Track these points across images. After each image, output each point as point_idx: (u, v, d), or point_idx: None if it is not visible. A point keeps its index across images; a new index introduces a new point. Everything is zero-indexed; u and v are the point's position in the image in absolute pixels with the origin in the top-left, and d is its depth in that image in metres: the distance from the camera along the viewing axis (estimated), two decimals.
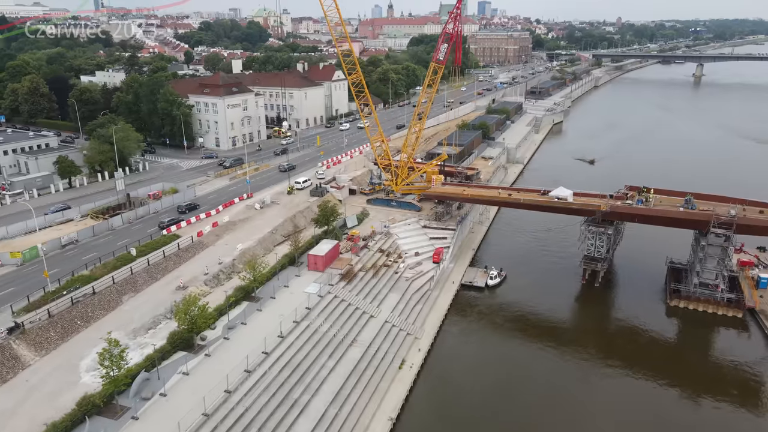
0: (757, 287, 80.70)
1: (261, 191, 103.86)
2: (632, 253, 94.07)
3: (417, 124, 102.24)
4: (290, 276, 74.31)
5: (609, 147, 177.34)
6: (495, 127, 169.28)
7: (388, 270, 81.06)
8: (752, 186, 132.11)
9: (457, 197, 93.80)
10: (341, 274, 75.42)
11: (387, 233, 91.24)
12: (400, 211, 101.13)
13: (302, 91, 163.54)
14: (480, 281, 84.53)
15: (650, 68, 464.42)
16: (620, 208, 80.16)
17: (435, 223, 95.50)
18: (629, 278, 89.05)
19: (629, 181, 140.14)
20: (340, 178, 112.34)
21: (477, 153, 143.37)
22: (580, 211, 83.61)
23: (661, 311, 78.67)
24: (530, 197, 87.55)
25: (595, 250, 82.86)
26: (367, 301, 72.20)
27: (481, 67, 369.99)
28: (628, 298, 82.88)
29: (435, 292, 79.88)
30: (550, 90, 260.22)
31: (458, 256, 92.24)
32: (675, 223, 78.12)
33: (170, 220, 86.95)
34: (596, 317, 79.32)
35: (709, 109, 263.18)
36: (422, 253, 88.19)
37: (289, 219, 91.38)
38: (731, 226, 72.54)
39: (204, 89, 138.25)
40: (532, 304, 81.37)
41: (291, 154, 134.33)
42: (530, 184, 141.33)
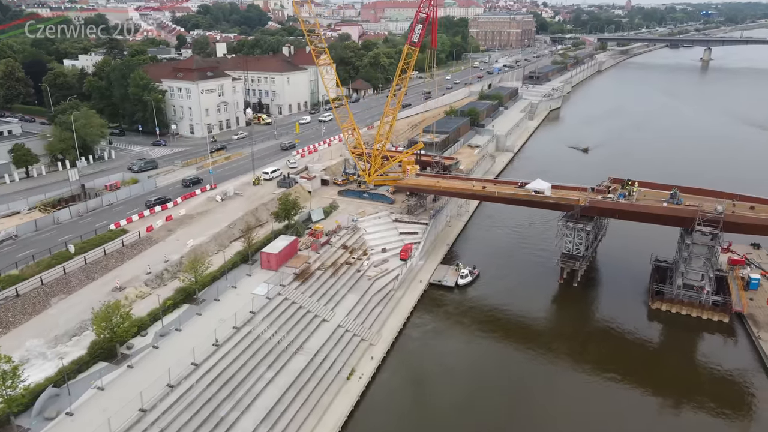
0: (747, 288, 74.88)
1: (227, 182, 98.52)
2: (616, 249, 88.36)
3: (390, 112, 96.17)
4: (240, 275, 69.30)
5: (606, 134, 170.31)
6: (486, 114, 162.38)
7: (349, 268, 75.82)
8: (752, 177, 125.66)
9: (430, 189, 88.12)
10: (296, 273, 70.28)
11: (354, 227, 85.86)
12: (372, 203, 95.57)
13: (284, 76, 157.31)
14: (450, 280, 79.21)
15: (657, 52, 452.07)
16: (599, 203, 74.24)
17: (407, 217, 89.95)
18: (611, 277, 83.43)
19: (622, 171, 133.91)
20: (313, 167, 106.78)
21: (463, 141, 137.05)
22: (558, 206, 77.78)
23: (643, 314, 73.14)
24: (505, 190, 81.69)
25: (574, 248, 77.19)
26: (321, 303, 67.10)
27: (482, 51, 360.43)
28: (609, 299, 77.37)
29: (399, 292, 74.68)
30: (549, 75, 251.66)
31: (430, 252, 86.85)
32: (658, 219, 72.19)
33: (157, 199, 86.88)
34: (572, 320, 73.92)
35: (715, 94, 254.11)
36: (390, 249, 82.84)
37: (251, 212, 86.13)
38: (718, 224, 66.58)
39: (177, 73, 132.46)
40: (504, 305, 76.08)
41: (267, 142, 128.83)
42: (519, 173, 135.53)
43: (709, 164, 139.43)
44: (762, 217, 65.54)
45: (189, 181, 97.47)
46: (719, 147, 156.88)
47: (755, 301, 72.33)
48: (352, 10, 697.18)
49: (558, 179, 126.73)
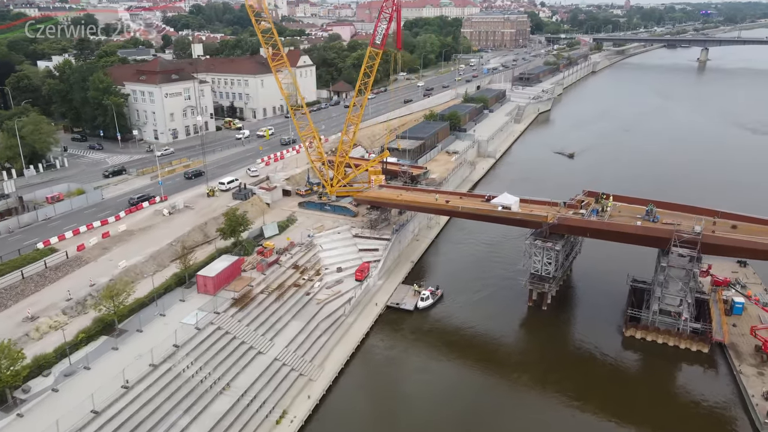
0: (731, 313, 68.72)
1: (179, 193, 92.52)
2: (592, 268, 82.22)
3: (353, 119, 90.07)
4: (173, 301, 63.19)
5: (594, 138, 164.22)
6: (469, 117, 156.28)
7: (297, 291, 69.71)
8: (739, 182, 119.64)
9: (390, 203, 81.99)
10: (235, 298, 64.20)
11: (309, 244, 79.78)
12: (333, 216, 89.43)
13: (258, 78, 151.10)
14: (409, 303, 73.09)
15: (654, 53, 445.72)
16: (568, 220, 68.09)
17: (368, 232, 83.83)
18: (586, 299, 77.21)
19: (607, 178, 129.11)
20: (275, 177, 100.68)
21: (441, 147, 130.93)
22: (525, 223, 71.66)
23: (616, 342, 67.00)
24: (470, 205, 75.52)
25: (542, 268, 71.05)
26: (259, 332, 60.99)
27: (475, 51, 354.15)
28: (581, 324, 71.22)
29: (351, 317, 68.57)
30: (540, 76, 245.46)
31: (391, 270, 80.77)
32: (631, 239, 66.05)
33: (140, 197, 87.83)
34: (539, 346, 67.87)
35: (709, 96, 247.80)
36: (346, 268, 76.81)
37: (199, 228, 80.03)
38: (695, 245, 60.44)
39: (140, 76, 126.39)
40: (466, 329, 70.07)
41: (234, 148, 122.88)
42: (499, 180, 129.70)
43: (696, 169, 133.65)
44: (742, 238, 59.39)
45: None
46: (709, 151, 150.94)
47: (738, 328, 66.20)
48: (348, 9, 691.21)
49: (540, 187, 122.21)
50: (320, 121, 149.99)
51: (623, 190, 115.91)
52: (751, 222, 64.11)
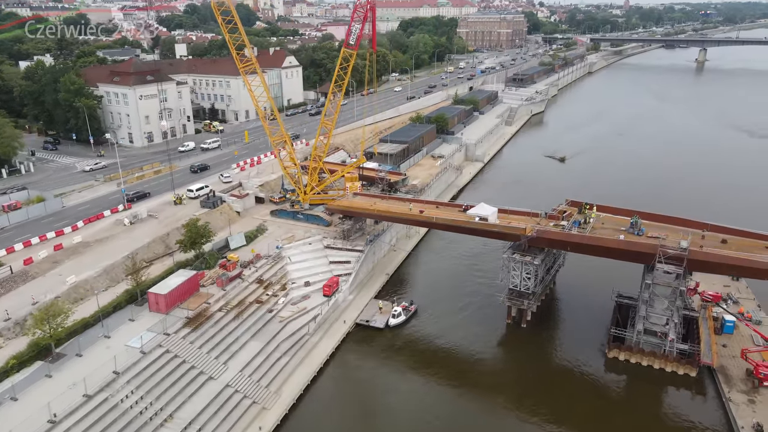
0: (721, 332, 64.38)
1: (145, 201, 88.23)
2: (577, 281, 77.89)
3: (327, 122, 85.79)
4: (121, 321, 58.89)
5: (587, 142, 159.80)
6: (457, 120, 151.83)
7: (259, 308, 65.36)
8: (737, 190, 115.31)
9: (363, 212, 77.61)
10: (189, 317, 59.88)
11: (277, 256, 75.45)
12: (305, 225, 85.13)
13: (240, 80, 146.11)
14: (379, 320, 68.75)
15: (652, 53, 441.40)
16: (547, 233, 63.70)
17: (340, 243, 79.49)
18: (569, 316, 72.83)
19: (598, 183, 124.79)
20: (248, 183, 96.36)
21: (426, 151, 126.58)
22: (503, 235, 67.28)
23: (599, 364, 62.61)
24: (446, 215, 71.12)
25: (521, 284, 66.69)
26: (213, 355, 56.66)
27: (471, 51, 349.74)
28: (562, 343, 66.81)
29: (316, 336, 64.25)
30: (535, 77, 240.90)
31: (364, 284, 76.45)
32: (613, 254, 61.65)
33: (135, 193, 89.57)
34: (516, 367, 63.60)
35: (707, 97, 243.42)
36: (315, 282, 72.49)
37: (160, 239, 75.65)
38: (682, 262, 56.11)
39: (114, 77, 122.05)
40: (440, 349, 65.77)
41: (210, 153, 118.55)
42: (486, 185, 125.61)
43: (690, 173, 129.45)
44: (732, 255, 55.01)
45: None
46: (703, 154, 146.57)
47: (729, 349, 61.86)
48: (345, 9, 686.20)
49: (529, 192, 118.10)
50: (305, 123, 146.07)
51: (614, 196, 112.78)
52: (742, 236, 59.79)
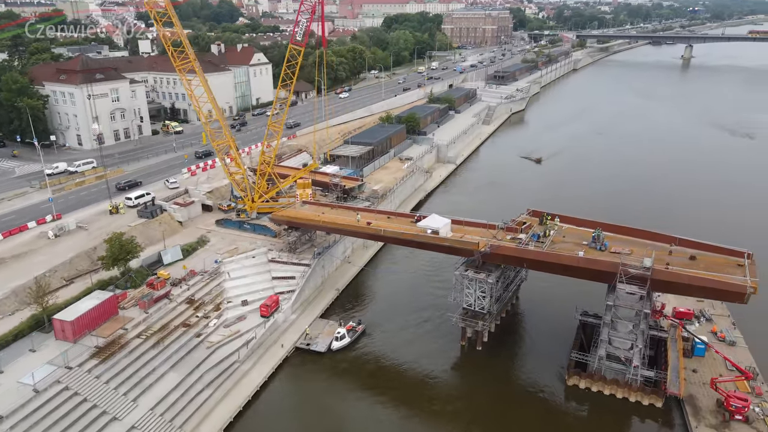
0: (692, 354, 58.95)
1: (78, 210, 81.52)
2: (540, 297, 72.14)
3: (274, 125, 79.57)
4: (21, 351, 52.45)
5: (566, 141, 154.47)
6: (431, 119, 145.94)
7: (186, 332, 59.04)
8: (715, 195, 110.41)
9: (307, 223, 71.42)
10: (99, 346, 53.53)
11: (214, 272, 69.17)
12: (252, 236, 78.95)
13: None
14: (321, 343, 62.68)
15: (639, 50, 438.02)
16: (502, 248, 57.87)
17: (286, 256, 73.32)
18: (530, 337, 67.07)
19: (571, 187, 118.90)
20: (196, 190, 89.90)
21: (395, 153, 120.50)
22: (455, 250, 61.42)
23: (558, 392, 56.98)
24: (395, 227, 65.05)
25: (476, 303, 60.88)
26: (121, 391, 50.32)
27: (455, 48, 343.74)
28: (520, 368, 61.07)
29: (247, 363, 58.04)
30: (516, 74, 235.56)
31: (310, 301, 70.32)
32: (572, 272, 55.97)
33: (128, 182, 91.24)
34: (468, 395, 57.60)
35: (691, 94, 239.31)
36: (253, 301, 66.25)
37: (86, 253, 69.05)
38: (645, 282, 50.51)
39: (60, 76, 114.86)
40: (386, 374, 60.01)
41: (164, 156, 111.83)
42: (456, 189, 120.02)
43: (667, 176, 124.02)
44: (699, 275, 49.40)
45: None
46: (683, 155, 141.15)
47: (699, 374, 56.40)
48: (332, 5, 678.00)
49: (500, 196, 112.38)
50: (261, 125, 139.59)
51: (587, 199, 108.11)
52: (712, 251, 54.30)
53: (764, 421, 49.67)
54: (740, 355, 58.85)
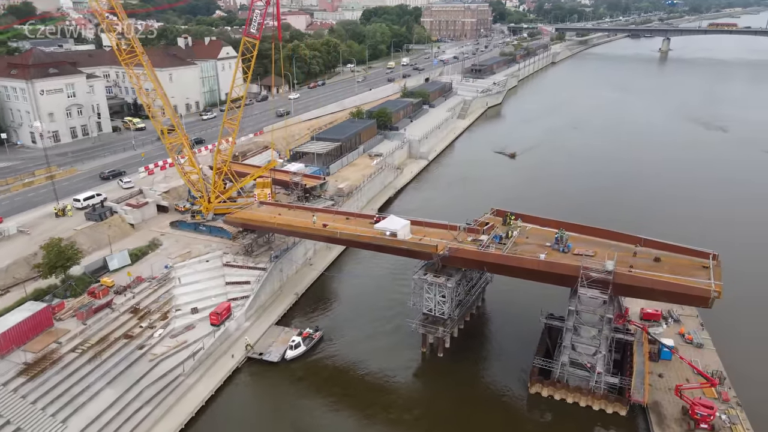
0: (658, 358, 56.92)
1: (23, 213, 77.13)
2: (507, 298, 69.56)
3: (229, 122, 75.87)
4: None
5: (542, 135, 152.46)
6: (403, 114, 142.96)
7: (127, 345, 55.47)
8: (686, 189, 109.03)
9: (261, 225, 68.00)
10: (27, 362, 49.77)
11: (164, 278, 65.51)
12: (207, 239, 75.35)
13: (165, 72, 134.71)
14: (275, 352, 59.51)
15: (618, 42, 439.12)
16: (461, 252, 55.13)
17: (241, 260, 69.89)
18: (495, 341, 64.42)
19: (543, 182, 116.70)
20: (151, 190, 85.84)
21: (364, 149, 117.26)
22: (413, 253, 58.56)
23: (520, 400, 54.60)
24: (352, 229, 61.94)
25: (436, 308, 58.16)
26: (50, 411, 46.71)
27: (434, 41, 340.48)
28: (482, 375, 58.52)
29: (193, 376, 54.64)
30: (494, 67, 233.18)
31: (266, 307, 67.04)
32: (533, 275, 53.45)
33: (111, 172, 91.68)
34: (426, 404, 54.80)
35: (667, 87, 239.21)
36: (204, 308, 62.80)
37: (24, 260, 64.88)
38: (607, 286, 48.15)
39: (11, 70, 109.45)
40: (342, 385, 57.05)
41: (122, 153, 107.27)
42: (428, 185, 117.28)
43: (641, 169, 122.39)
44: (663, 279, 47.13)
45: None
46: (657, 149, 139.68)
47: (665, 380, 54.38)
48: None
49: (472, 193, 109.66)
50: None
51: (560, 195, 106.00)
52: (678, 252, 52.16)
53: (731, 429, 47.79)
54: (708, 357, 57.06)
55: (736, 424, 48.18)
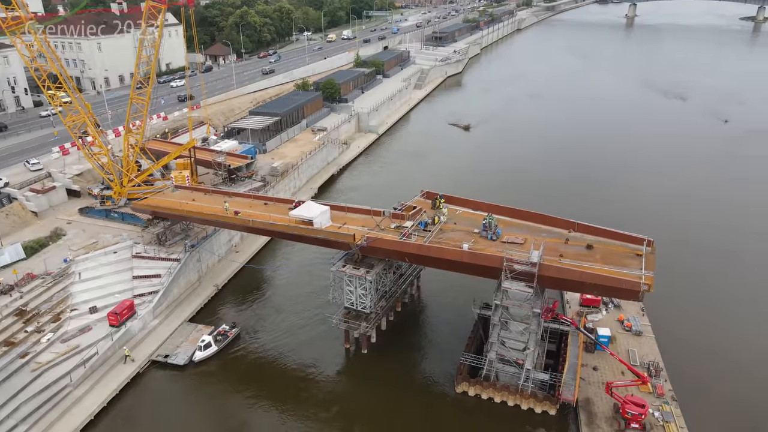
0: (595, 349, 53.36)
1: None
2: (443, 286, 65.02)
3: (139, 98, 68.52)
4: None
5: (498, 106, 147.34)
6: (354, 85, 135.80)
7: (6, 353, 49.28)
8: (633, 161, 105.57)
9: (171, 213, 61.63)
10: None
11: (60, 274, 59.02)
12: (119, 227, 68.79)
13: (94, 41, 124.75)
14: (182, 354, 54.13)
15: (586, 8, 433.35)
16: (379, 242, 49.94)
17: (154, 250, 63.67)
18: (426, 336, 60.05)
19: (495, 155, 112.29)
20: (61, 173, 78.24)
21: (307, 123, 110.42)
22: (330, 243, 53.24)
23: (447, 400, 50.42)
24: (264, 217, 56.09)
25: (357, 302, 53.29)
26: None
27: (397, 8, 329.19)
28: (409, 373, 53.93)
29: (81, 388, 48.93)
30: (456, 35, 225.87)
31: (179, 302, 61.27)
32: (458, 267, 48.73)
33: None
34: (344, 404, 50.38)
35: (631, 54, 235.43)
36: (105, 307, 56.77)
37: None
38: (532, 278, 43.73)
39: None
40: (256, 385, 52.38)
41: (40, 131, 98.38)
42: (376, 160, 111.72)
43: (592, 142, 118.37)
44: (589, 271, 42.78)
45: None
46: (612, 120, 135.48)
47: (600, 373, 50.93)
48: None
49: (420, 168, 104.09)
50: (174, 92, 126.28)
51: (511, 170, 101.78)
52: (612, 238, 47.96)
53: (663, 428, 44.57)
54: (646, 346, 53.80)
55: (670, 422, 44.97)
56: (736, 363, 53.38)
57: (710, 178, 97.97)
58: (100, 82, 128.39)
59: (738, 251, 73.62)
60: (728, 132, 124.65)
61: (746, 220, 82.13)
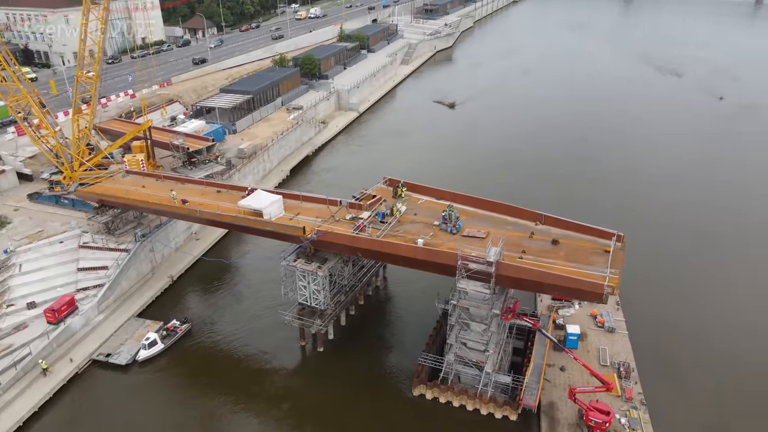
0: (563, 348, 50.09)
1: None
2: (409, 280, 61.30)
3: (85, 77, 64.02)
4: None
5: (487, 83, 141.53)
6: (335, 61, 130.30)
7: None
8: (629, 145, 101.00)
9: (116, 201, 57.77)
10: None
11: (2, 265, 55.51)
12: (69, 214, 65.06)
13: (61, 14, 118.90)
14: (125, 353, 50.96)
15: None
16: (330, 235, 46.20)
17: (103, 239, 60.05)
18: (389, 332, 56.82)
19: (481, 134, 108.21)
20: (12, 156, 74.17)
21: (283, 101, 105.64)
22: (281, 236, 49.54)
23: (402, 404, 47.35)
24: (211, 207, 52.23)
25: (311, 298, 49.86)
26: None
27: None
28: (366, 373, 50.81)
29: (10, 392, 45.83)
30: (448, 7, 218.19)
31: (127, 296, 57.88)
32: (413, 264, 45.13)
33: None
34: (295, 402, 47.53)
35: (630, 27, 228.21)
36: (45, 302, 53.36)
37: None
38: (489, 277, 40.15)
39: None
40: (202, 385, 49.63)
41: None
42: (354, 142, 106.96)
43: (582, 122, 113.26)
44: (549, 271, 39.05)
45: None
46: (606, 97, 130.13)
47: (567, 374, 47.80)
48: None
49: (400, 149, 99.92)
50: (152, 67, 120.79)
51: (492, 153, 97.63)
52: (580, 231, 44.24)
53: None
54: (618, 344, 50.60)
55: (636, 429, 41.98)
56: (711, 362, 50.36)
57: (705, 158, 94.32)
58: (70, 56, 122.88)
59: (728, 232, 70.59)
60: (723, 108, 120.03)
61: (741, 202, 78.87)
